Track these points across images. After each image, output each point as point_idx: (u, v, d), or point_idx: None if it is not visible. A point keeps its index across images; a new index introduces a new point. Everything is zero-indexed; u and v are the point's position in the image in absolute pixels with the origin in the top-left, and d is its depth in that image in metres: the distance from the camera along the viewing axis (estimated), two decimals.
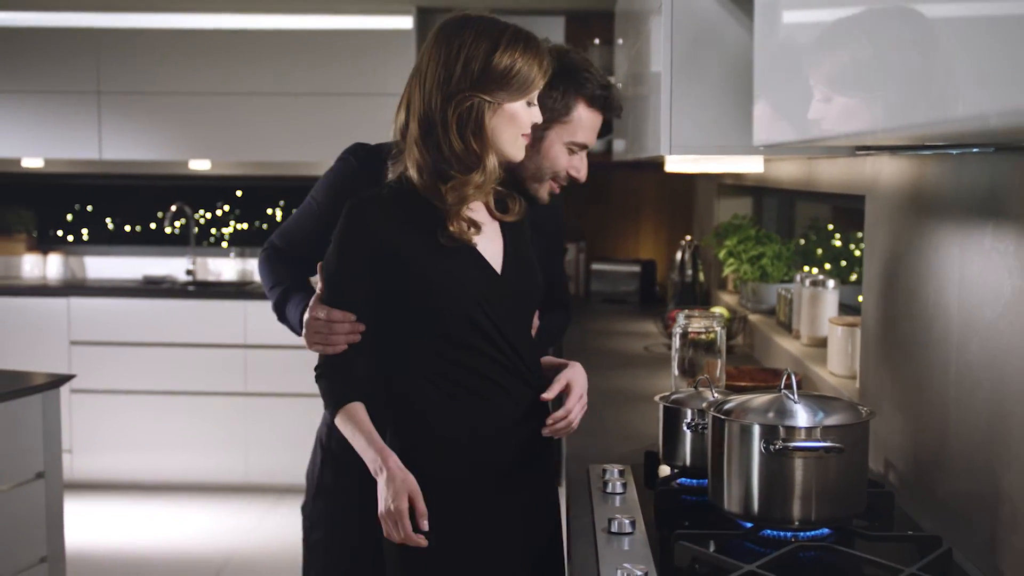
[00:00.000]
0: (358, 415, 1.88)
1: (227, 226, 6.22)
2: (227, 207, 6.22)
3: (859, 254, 3.54)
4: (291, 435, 5.44)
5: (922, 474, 1.90)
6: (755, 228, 4.04)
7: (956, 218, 1.76)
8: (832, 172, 2.64)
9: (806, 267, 3.84)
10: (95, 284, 5.83)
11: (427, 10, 5.71)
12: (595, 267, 5.42)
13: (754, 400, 1.77)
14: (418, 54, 1.93)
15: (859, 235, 3.46)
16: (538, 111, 1.92)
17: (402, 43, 5.56)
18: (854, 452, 1.70)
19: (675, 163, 3.03)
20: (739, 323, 3.70)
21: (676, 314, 2.56)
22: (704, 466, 1.84)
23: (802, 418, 1.68)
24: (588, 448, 2.34)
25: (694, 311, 2.58)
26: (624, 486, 2.02)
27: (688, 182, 5.72)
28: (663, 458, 2.10)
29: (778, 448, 1.66)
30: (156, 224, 6.22)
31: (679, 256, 4.50)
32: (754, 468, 1.69)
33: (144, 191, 6.24)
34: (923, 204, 1.93)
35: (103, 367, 5.42)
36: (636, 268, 5.31)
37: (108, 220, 6.23)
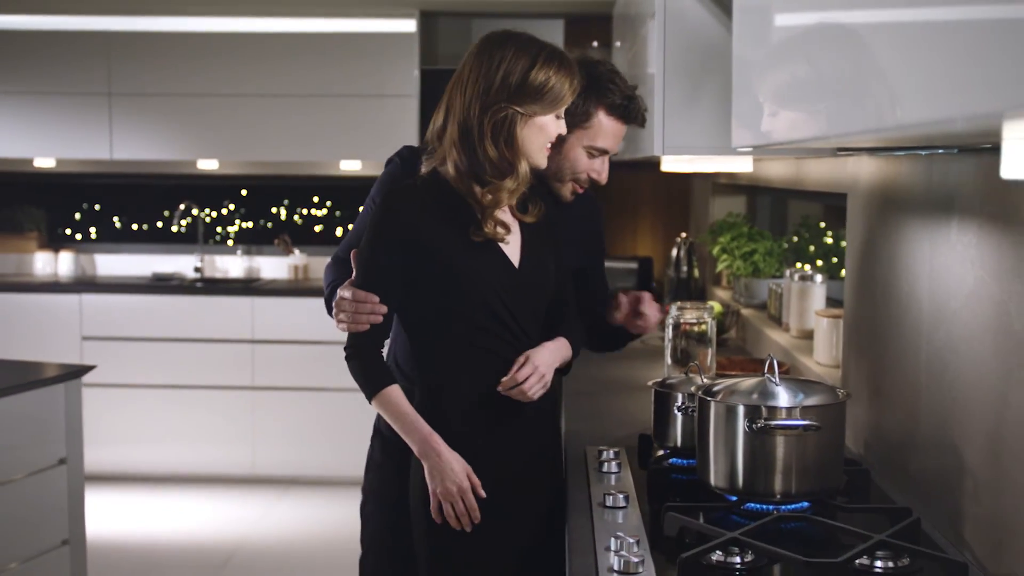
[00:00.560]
0: (396, 399, 2.04)
1: (232, 224, 6.36)
2: (232, 206, 6.36)
3: None
4: (297, 428, 5.59)
5: (896, 452, 2.04)
6: (748, 226, 4.17)
7: (926, 214, 1.90)
8: (818, 171, 2.78)
9: (798, 263, 3.97)
10: (105, 281, 5.97)
11: (430, 13, 5.84)
12: None
13: (739, 384, 1.91)
14: (461, 61, 2.07)
15: None
16: (564, 124, 2.09)
17: (405, 45, 5.68)
18: (831, 431, 1.83)
19: (671, 163, 3.15)
20: (732, 317, 3.83)
21: (670, 307, 2.69)
22: (694, 447, 1.98)
23: (783, 399, 1.82)
24: (586, 432, 2.48)
25: (686, 303, 2.71)
26: (619, 466, 2.15)
27: (685, 181, 5.84)
28: (655, 439, 2.23)
29: (760, 427, 1.79)
30: (164, 223, 6.35)
31: (675, 253, 4.63)
32: (739, 445, 1.83)
33: (152, 190, 6.37)
34: (897, 201, 2.06)
35: (114, 362, 5.54)
36: (633, 265, 5.43)
37: (117, 219, 6.36)
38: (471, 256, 2.04)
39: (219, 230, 6.36)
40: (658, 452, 2.23)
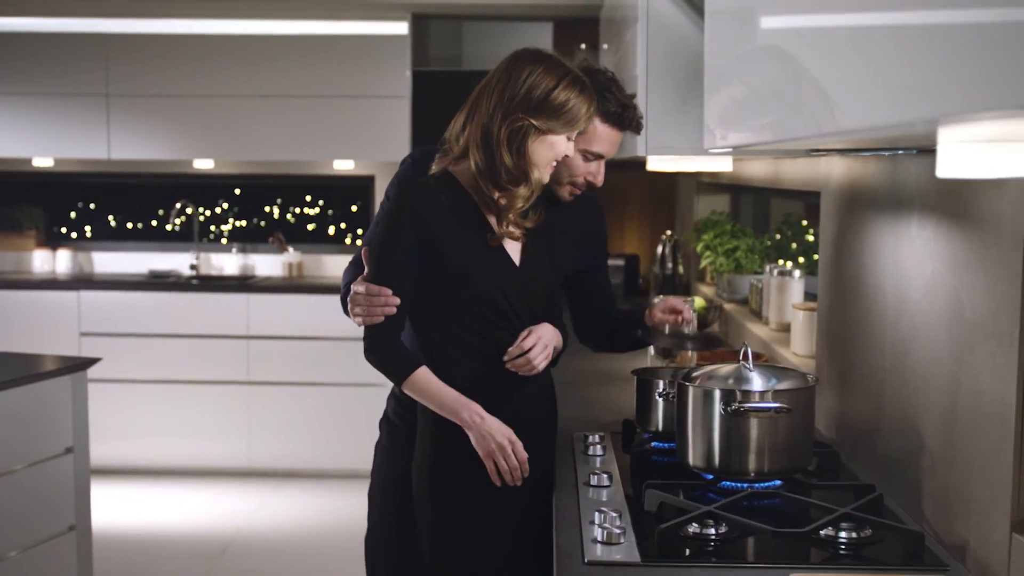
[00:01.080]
0: (426, 379, 2.16)
1: (227, 223, 6.46)
2: (227, 204, 6.46)
3: None
4: (292, 422, 5.70)
5: (864, 435, 2.17)
6: (731, 223, 4.30)
7: (890, 211, 2.03)
8: (794, 171, 2.91)
9: (780, 260, 4.10)
10: (103, 278, 6.06)
11: (422, 16, 5.96)
12: None
13: (716, 370, 2.04)
14: (493, 69, 2.19)
15: None
16: (572, 146, 2.22)
17: (397, 47, 5.79)
18: (801, 413, 1.96)
19: (656, 162, 3.27)
20: (715, 312, 3.96)
21: (654, 300, 2.81)
22: (674, 431, 2.11)
23: (756, 383, 1.95)
24: (573, 419, 2.60)
25: (668, 297, 2.83)
26: (604, 449, 2.28)
27: (671, 180, 5.96)
28: (638, 424, 2.36)
29: (735, 409, 1.92)
30: (160, 221, 6.46)
31: (660, 250, 4.75)
32: (715, 427, 1.96)
33: (149, 189, 6.48)
34: (865, 199, 2.19)
35: (112, 357, 5.60)
36: (620, 262, 5.56)
37: (113, 217, 6.46)
38: (478, 253, 2.17)
39: (214, 228, 6.46)
40: (641, 436, 2.36)
